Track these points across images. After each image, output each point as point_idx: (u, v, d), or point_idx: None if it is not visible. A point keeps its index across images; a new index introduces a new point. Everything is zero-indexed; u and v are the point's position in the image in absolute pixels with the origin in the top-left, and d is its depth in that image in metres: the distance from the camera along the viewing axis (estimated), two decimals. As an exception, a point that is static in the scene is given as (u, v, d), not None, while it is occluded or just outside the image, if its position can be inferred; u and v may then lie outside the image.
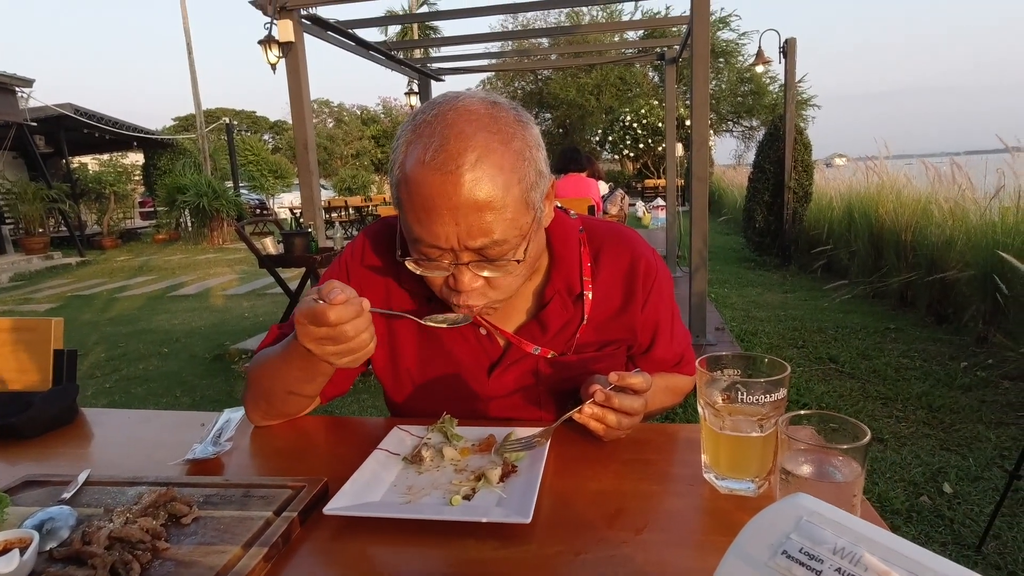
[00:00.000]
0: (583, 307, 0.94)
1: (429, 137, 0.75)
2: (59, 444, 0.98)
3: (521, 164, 0.77)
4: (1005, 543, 1.97)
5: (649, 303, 0.98)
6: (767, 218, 7.54)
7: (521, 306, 0.96)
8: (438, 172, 0.73)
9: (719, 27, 21.45)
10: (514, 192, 0.76)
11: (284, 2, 4.14)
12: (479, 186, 0.73)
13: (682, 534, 0.66)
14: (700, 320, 4.00)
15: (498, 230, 0.76)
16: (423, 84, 7.36)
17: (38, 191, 11.85)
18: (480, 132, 0.74)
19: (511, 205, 0.76)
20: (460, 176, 0.73)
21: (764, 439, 0.71)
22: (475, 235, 0.76)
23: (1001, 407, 3.03)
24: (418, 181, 0.74)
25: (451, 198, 0.73)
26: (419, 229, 0.77)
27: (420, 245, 0.79)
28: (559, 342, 0.95)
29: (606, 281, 0.96)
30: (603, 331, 0.97)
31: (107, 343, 5.32)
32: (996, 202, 4.30)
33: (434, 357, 0.97)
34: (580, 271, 0.95)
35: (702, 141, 3.79)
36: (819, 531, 0.35)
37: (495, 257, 0.79)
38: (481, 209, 0.74)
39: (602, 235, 0.99)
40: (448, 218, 0.74)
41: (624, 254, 0.98)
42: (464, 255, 0.78)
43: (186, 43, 15.85)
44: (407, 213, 0.78)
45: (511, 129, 0.77)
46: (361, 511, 0.69)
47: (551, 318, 0.93)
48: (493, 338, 0.96)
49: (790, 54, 6.74)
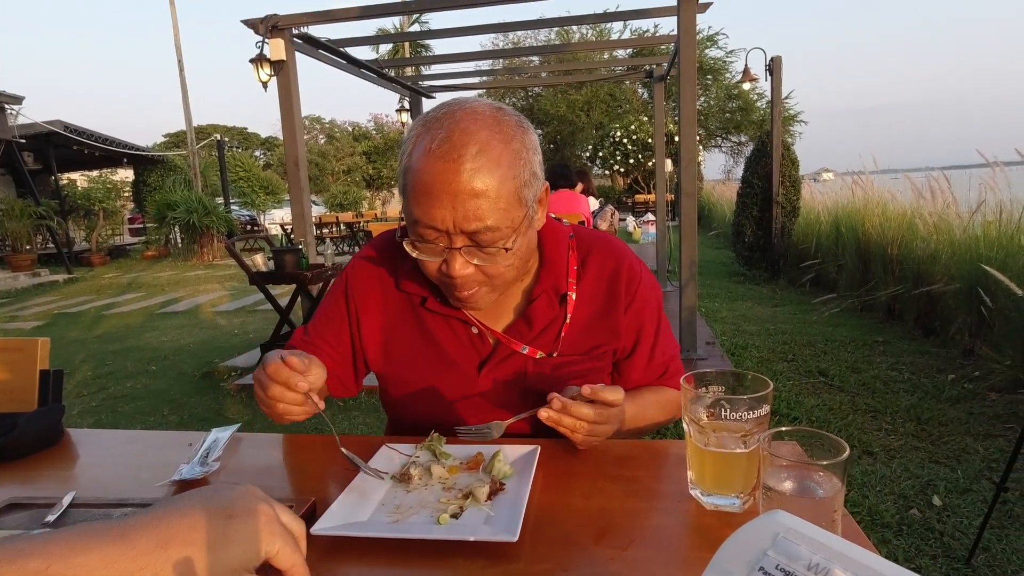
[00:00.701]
0: (567, 307, 0.99)
1: (437, 130, 0.82)
2: (44, 465, 0.97)
3: (517, 162, 0.84)
4: (995, 555, 1.98)
5: (632, 307, 1.02)
6: (756, 232, 7.61)
7: (510, 305, 1.01)
8: (441, 160, 0.80)
9: (707, 45, 21.80)
10: (509, 186, 0.83)
11: (276, 21, 4.18)
12: (477, 176, 0.80)
13: (669, 551, 0.67)
14: (690, 334, 4.02)
15: (491, 218, 0.82)
16: (414, 101, 7.41)
17: (25, 208, 11.77)
18: (483, 130, 0.82)
19: (505, 197, 0.83)
20: (461, 165, 0.80)
21: (748, 455, 0.71)
22: (470, 219, 0.82)
23: (988, 419, 3.06)
24: (423, 167, 0.82)
25: (451, 184, 0.80)
26: (419, 211, 0.83)
27: (418, 227, 0.85)
28: (545, 341, 0.99)
29: (591, 283, 1.01)
30: (588, 334, 1.01)
31: (94, 361, 5.26)
32: (979, 216, 4.38)
33: (427, 354, 1.02)
34: (567, 273, 1.00)
35: (690, 157, 3.84)
36: (795, 548, 0.36)
37: (486, 243, 0.84)
38: (477, 196, 0.81)
39: (591, 242, 1.05)
40: (447, 202, 0.81)
41: (610, 260, 1.03)
42: (458, 239, 0.84)
43: (177, 60, 15.91)
44: (410, 196, 0.85)
45: (511, 131, 0.85)
46: (349, 531, 0.69)
47: (536, 315, 0.98)
48: (484, 337, 1.00)
49: (776, 72, 6.86)
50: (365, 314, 1.05)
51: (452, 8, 4.32)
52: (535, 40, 22.67)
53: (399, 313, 1.04)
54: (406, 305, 1.03)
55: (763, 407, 0.71)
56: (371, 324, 1.05)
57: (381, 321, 1.05)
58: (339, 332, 1.06)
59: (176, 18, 15.80)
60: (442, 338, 1.01)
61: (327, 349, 1.06)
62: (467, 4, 4.16)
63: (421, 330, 1.02)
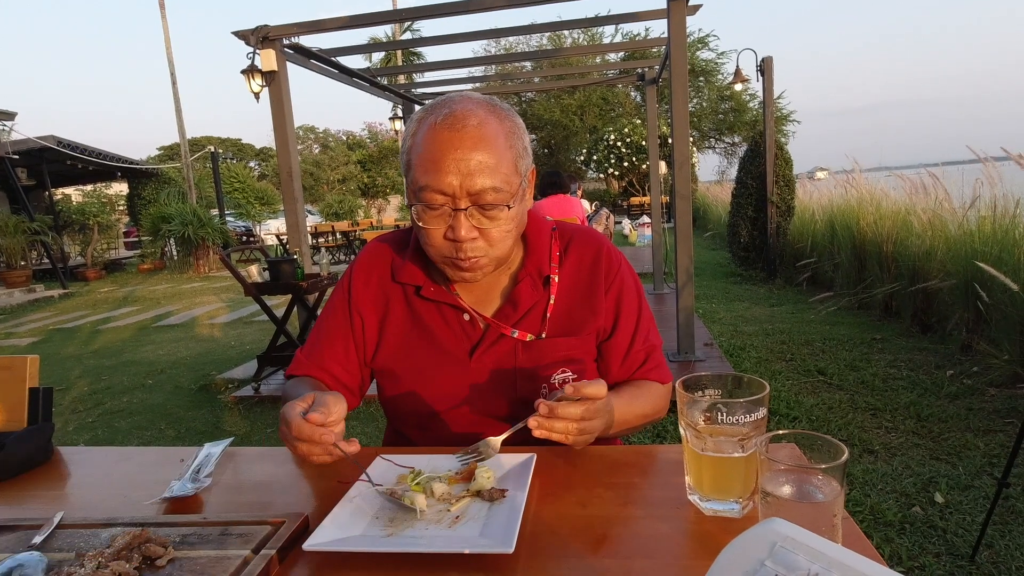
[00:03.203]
0: (551, 289, 1.05)
1: (439, 112, 0.92)
2: (33, 485, 0.96)
3: (512, 137, 0.95)
4: (998, 552, 1.97)
5: (612, 289, 1.08)
6: (751, 233, 7.62)
7: (497, 291, 1.07)
8: (446, 130, 0.90)
9: (698, 47, 21.90)
10: (507, 155, 0.93)
11: (266, 32, 4.18)
12: (480, 143, 0.90)
13: (668, 559, 0.66)
14: (688, 336, 4.01)
15: (493, 179, 0.90)
16: (407, 109, 7.41)
17: (19, 224, 11.71)
18: (480, 109, 0.93)
19: (504, 164, 0.92)
20: (464, 133, 0.89)
21: (747, 459, 0.71)
22: (474, 179, 0.89)
23: (988, 414, 3.05)
24: (429, 139, 0.91)
25: (456, 150, 0.89)
26: (426, 178, 0.90)
27: (426, 192, 0.91)
28: (531, 323, 1.04)
29: (573, 267, 1.08)
30: (572, 315, 1.06)
31: (90, 376, 5.23)
32: (973, 212, 4.39)
33: (421, 344, 1.06)
34: (549, 259, 1.07)
35: (684, 160, 3.84)
36: (793, 557, 0.35)
37: (488, 206, 0.91)
38: (480, 160, 0.89)
39: (572, 232, 1.12)
40: (452, 166, 0.89)
41: (591, 247, 1.10)
42: (462, 201, 0.90)
43: (170, 73, 15.89)
44: (416, 167, 0.92)
45: (504, 112, 0.96)
46: (342, 546, 0.67)
47: (521, 297, 1.03)
48: (475, 323, 1.05)
49: (767, 72, 6.89)
50: (367, 315, 1.09)
51: (442, 16, 4.32)
52: (527, 45, 22.76)
53: (395, 307, 1.08)
54: (401, 298, 1.08)
55: (760, 410, 0.71)
56: (371, 322, 1.09)
57: (378, 317, 1.09)
58: (346, 345, 1.09)
59: (168, 31, 15.80)
60: (435, 327, 1.05)
61: (336, 369, 1.09)
62: (457, 11, 4.16)
63: (415, 321, 1.07)
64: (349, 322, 1.09)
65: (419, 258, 1.06)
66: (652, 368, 1.09)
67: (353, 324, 1.09)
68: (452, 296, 1.04)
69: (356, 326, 1.09)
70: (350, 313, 1.10)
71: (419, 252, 1.06)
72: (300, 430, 0.80)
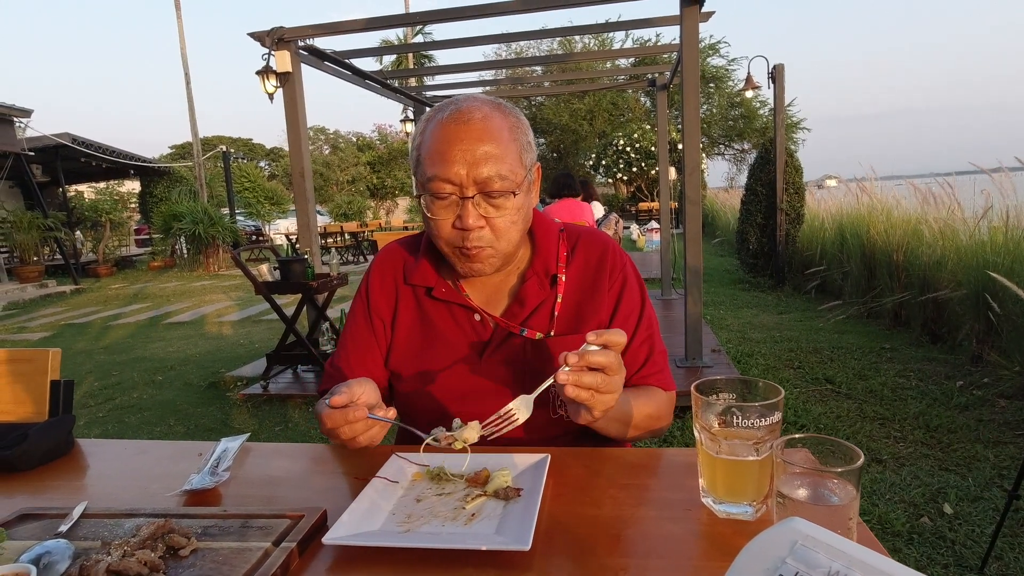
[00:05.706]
0: (558, 288, 1.07)
1: (446, 110, 0.97)
2: (55, 476, 0.98)
3: (516, 131, 0.98)
4: (1007, 564, 1.96)
5: (615, 285, 1.09)
6: (760, 240, 7.60)
7: (506, 291, 1.09)
8: (454, 123, 0.94)
9: (709, 54, 21.85)
10: (512, 147, 0.96)
11: (282, 34, 4.22)
12: (486, 134, 0.94)
13: (681, 560, 0.66)
14: (696, 342, 4.01)
15: (499, 167, 0.94)
16: (418, 112, 7.45)
17: (34, 220, 11.85)
18: (486, 106, 0.98)
19: (509, 155, 0.95)
20: (471, 125, 0.94)
21: (760, 463, 0.71)
22: (480, 168, 0.93)
23: (998, 426, 3.03)
24: (437, 133, 0.95)
25: (463, 140, 0.93)
26: (434, 169, 0.94)
27: (434, 182, 0.95)
28: (539, 321, 1.05)
29: (579, 266, 1.09)
30: (580, 315, 1.06)
31: (100, 372, 5.28)
32: (985, 222, 4.36)
33: (433, 342, 1.08)
34: (557, 258, 1.08)
35: (694, 165, 3.84)
36: (813, 555, 0.36)
37: (495, 194, 0.94)
38: (487, 150, 0.93)
39: (579, 233, 1.14)
40: (459, 156, 0.92)
41: (597, 247, 1.12)
42: (470, 189, 0.94)
43: (184, 72, 16.04)
44: (425, 160, 0.96)
45: (509, 110, 1.01)
46: (360, 540, 0.69)
47: (528, 295, 1.05)
48: (486, 323, 1.06)
49: (778, 79, 6.87)
50: (385, 317, 1.12)
51: (455, 20, 4.35)
52: (537, 50, 22.80)
53: (405, 308, 1.11)
54: (411, 299, 1.11)
55: (775, 414, 0.71)
56: (388, 323, 1.12)
57: (391, 318, 1.12)
58: (371, 350, 1.11)
59: (183, 32, 15.95)
60: (445, 328, 1.07)
61: (363, 375, 1.09)
62: (470, 16, 4.19)
63: (425, 322, 1.09)
64: (370, 327, 1.11)
65: (430, 259, 1.09)
66: (654, 372, 1.08)
67: (375, 328, 1.11)
68: (463, 296, 1.06)
69: (378, 329, 1.11)
70: (370, 317, 1.12)
71: (430, 253, 1.08)
72: (331, 417, 0.85)
